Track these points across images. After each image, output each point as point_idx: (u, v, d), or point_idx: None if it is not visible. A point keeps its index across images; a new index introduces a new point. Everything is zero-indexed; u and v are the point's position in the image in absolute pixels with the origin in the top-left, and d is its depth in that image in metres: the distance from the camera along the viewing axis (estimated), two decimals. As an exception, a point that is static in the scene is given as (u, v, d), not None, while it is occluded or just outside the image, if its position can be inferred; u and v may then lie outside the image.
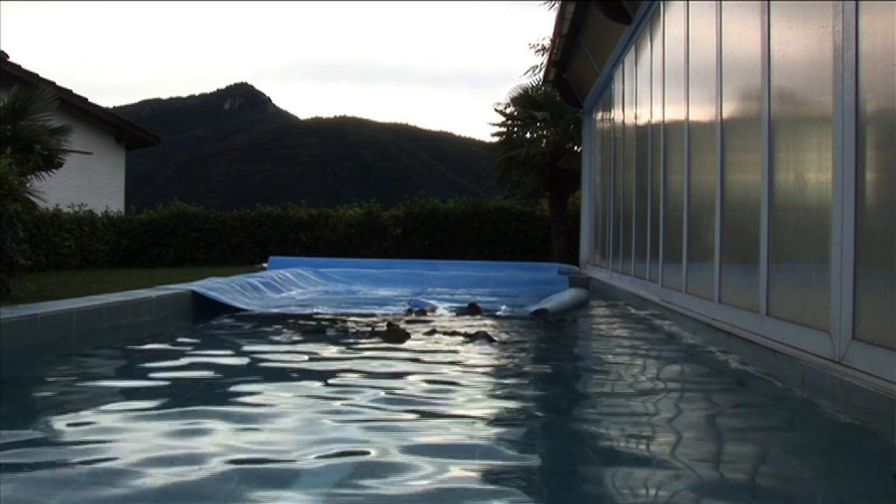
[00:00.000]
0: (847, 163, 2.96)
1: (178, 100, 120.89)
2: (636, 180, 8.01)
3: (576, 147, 15.01)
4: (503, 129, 16.33)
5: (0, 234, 5.99)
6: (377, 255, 14.41)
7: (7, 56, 13.56)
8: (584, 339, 5.77)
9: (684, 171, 5.72)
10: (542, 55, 18.57)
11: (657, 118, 6.97)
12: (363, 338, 4.81)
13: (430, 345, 4.52)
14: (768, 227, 3.85)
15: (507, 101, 16.18)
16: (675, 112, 6.22)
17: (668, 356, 4.50)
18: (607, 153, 10.55)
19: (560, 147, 15.19)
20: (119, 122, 17.47)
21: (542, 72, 14.37)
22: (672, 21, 6.42)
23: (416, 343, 4.57)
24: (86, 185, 15.69)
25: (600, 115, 11.61)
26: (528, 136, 15.87)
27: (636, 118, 8.16)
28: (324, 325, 5.46)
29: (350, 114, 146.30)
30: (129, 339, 4.91)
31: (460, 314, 6.46)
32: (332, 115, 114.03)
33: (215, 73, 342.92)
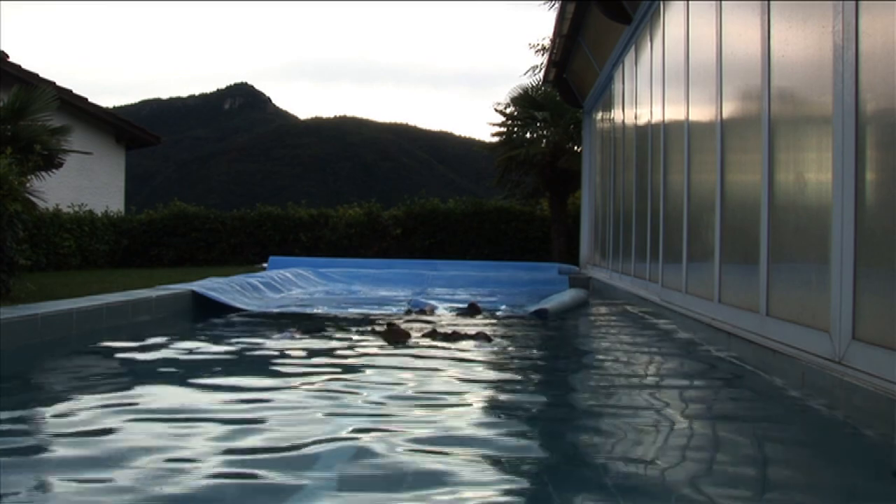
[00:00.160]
0: (847, 163, 2.96)
1: (178, 100, 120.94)
2: (636, 180, 8.01)
3: (576, 147, 15.02)
4: (503, 129, 16.34)
5: (0, 234, 5.99)
6: (377, 255, 14.41)
7: (7, 56, 13.57)
8: (583, 339, 5.77)
9: (684, 171, 5.72)
10: (542, 55, 18.59)
11: (657, 118, 6.97)
12: (363, 338, 4.81)
13: (430, 345, 4.52)
14: (768, 227, 3.85)
15: (507, 101, 16.21)
16: (675, 112, 6.22)
17: (667, 355, 4.50)
18: (607, 153, 10.55)
19: (560, 147, 15.19)
20: (119, 122, 17.48)
21: (542, 72, 14.38)
22: (672, 21, 6.42)
23: (416, 343, 4.57)
24: (86, 185, 15.70)
25: (600, 115, 11.61)
26: (528, 136, 15.87)
27: (636, 118, 8.16)
28: (324, 325, 5.46)
29: (350, 114, 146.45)
30: (128, 340, 4.91)
31: (460, 314, 6.46)
32: (332, 115, 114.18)
33: (215, 73, 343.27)
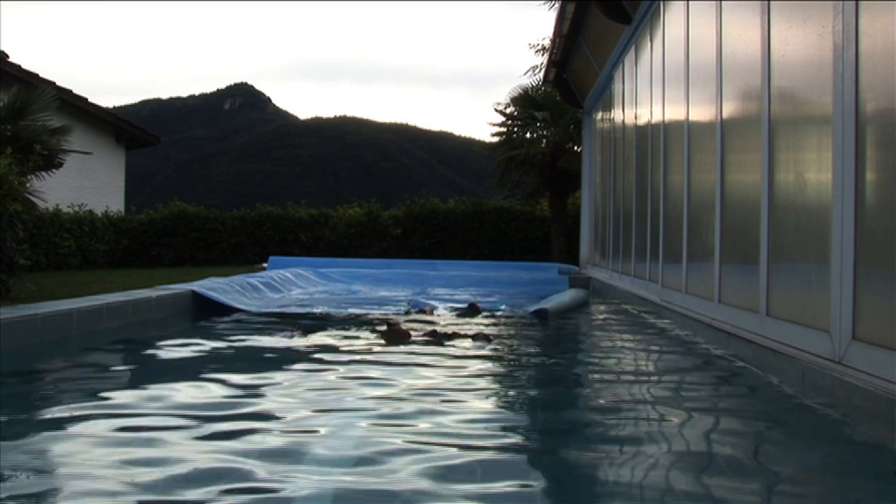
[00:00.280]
0: (847, 163, 2.96)
1: (178, 100, 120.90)
2: (636, 180, 8.01)
3: (576, 147, 15.01)
4: (503, 129, 16.34)
5: (0, 234, 5.99)
6: (377, 255, 14.41)
7: (7, 56, 13.56)
8: (583, 339, 5.77)
9: (684, 171, 5.72)
10: (542, 55, 18.58)
11: (657, 118, 6.97)
12: (363, 338, 4.81)
13: (430, 345, 4.52)
14: (768, 227, 3.85)
15: (507, 101, 16.21)
16: (675, 112, 6.22)
17: (666, 354, 4.50)
18: (607, 153, 10.55)
19: (560, 147, 15.19)
20: (119, 122, 17.48)
21: (542, 72, 14.37)
22: (672, 21, 6.42)
23: (416, 343, 4.57)
24: (86, 185, 15.70)
25: (600, 115, 11.61)
26: (528, 136, 15.87)
27: (636, 118, 8.16)
28: (324, 326, 5.46)
29: (350, 114, 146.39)
30: (128, 339, 4.92)
31: (460, 314, 6.46)
32: (332, 115, 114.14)
33: (215, 73, 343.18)
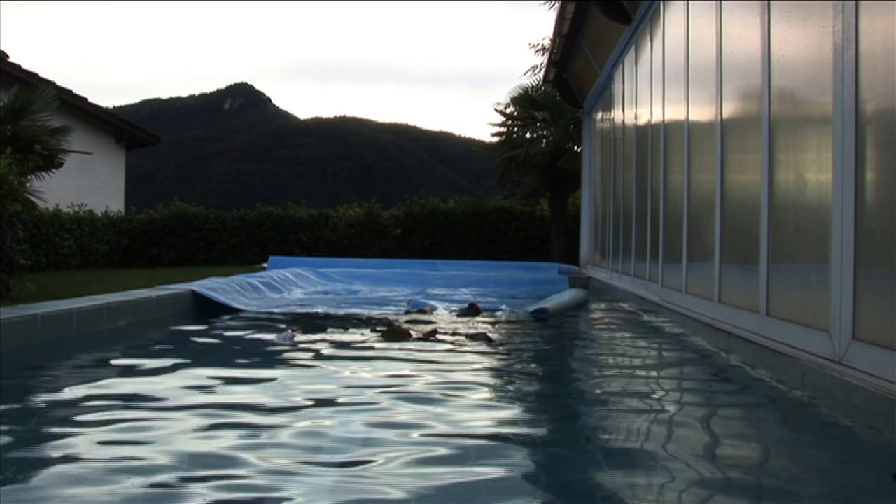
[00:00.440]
0: (847, 163, 2.96)
1: (178, 100, 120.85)
2: (636, 180, 8.01)
3: (576, 147, 15.01)
4: (503, 129, 16.33)
5: (0, 234, 5.99)
6: (377, 255, 14.41)
7: (7, 56, 13.56)
8: (583, 339, 5.76)
9: (684, 171, 5.72)
10: (542, 55, 18.58)
11: (657, 118, 6.97)
12: (363, 338, 4.81)
13: (430, 345, 4.52)
14: (768, 227, 3.85)
15: (507, 101, 16.20)
16: (675, 112, 6.22)
17: (666, 354, 4.50)
18: (607, 153, 10.55)
19: (560, 147, 15.19)
20: (119, 122, 17.48)
21: (542, 72, 14.37)
22: (672, 21, 6.42)
23: (417, 343, 4.57)
24: (86, 185, 15.70)
25: (600, 115, 11.61)
26: (528, 136, 15.87)
27: (636, 118, 8.16)
28: (324, 326, 5.46)
29: (350, 114, 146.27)
30: (128, 340, 4.92)
31: (460, 314, 6.46)
32: (332, 115, 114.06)
33: (215, 73, 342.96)
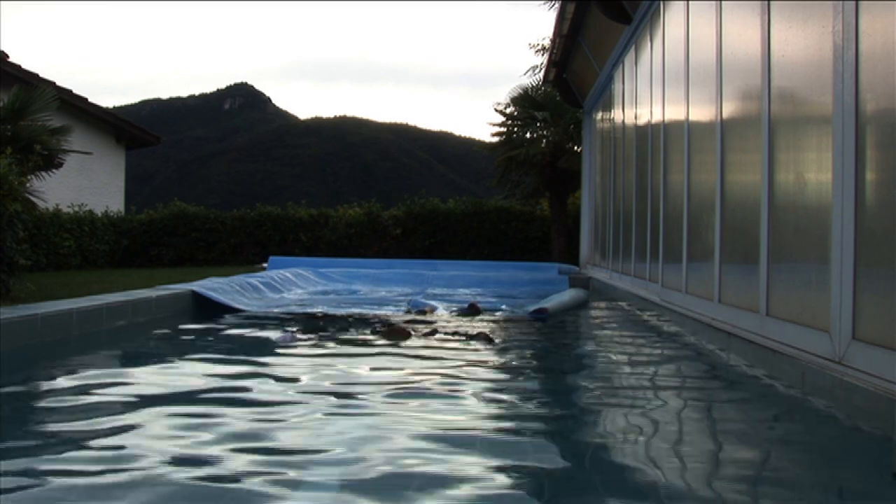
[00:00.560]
0: (847, 163, 2.96)
1: (178, 100, 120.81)
2: (636, 180, 8.00)
3: (576, 147, 15.01)
4: (503, 129, 16.33)
5: (0, 234, 5.99)
6: (377, 255, 14.41)
7: (7, 56, 13.56)
8: (583, 339, 5.77)
9: (684, 171, 5.72)
10: (542, 55, 18.58)
11: (657, 118, 6.97)
12: (364, 338, 4.81)
13: (431, 345, 4.52)
14: (768, 227, 3.85)
15: (507, 101, 16.20)
16: (675, 112, 6.22)
17: (665, 353, 4.50)
18: (607, 153, 10.55)
19: (560, 147, 15.19)
20: (119, 122, 17.48)
21: (542, 72, 14.37)
22: (672, 21, 6.42)
23: (417, 343, 4.57)
24: (86, 185, 15.70)
25: (600, 115, 11.61)
26: (528, 136, 15.87)
27: (636, 118, 8.16)
28: (324, 326, 5.46)
29: (350, 114, 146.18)
30: (128, 340, 4.92)
31: (460, 314, 6.46)
32: (332, 115, 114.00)
33: (215, 73, 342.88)
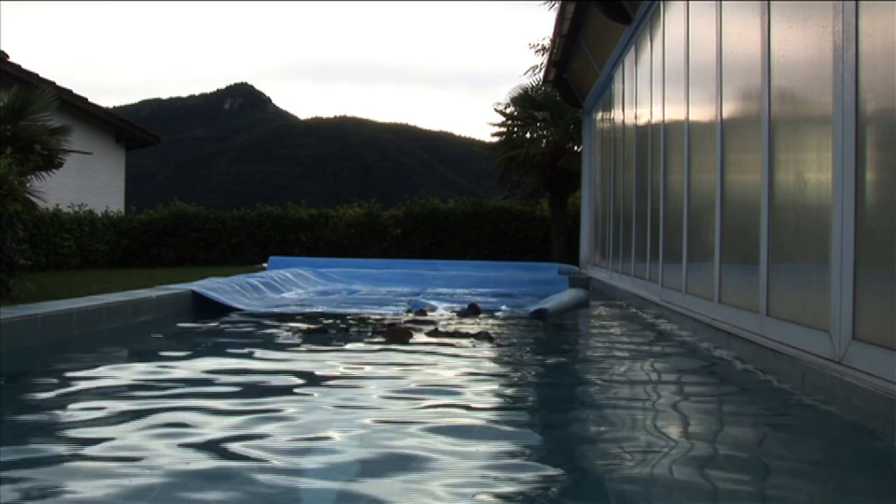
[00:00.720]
0: (847, 163, 2.96)
1: (178, 100, 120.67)
2: (636, 180, 8.01)
3: (576, 147, 15.01)
4: (503, 129, 16.33)
5: (0, 234, 5.99)
6: (377, 255, 14.41)
7: (7, 56, 13.56)
8: (583, 339, 5.77)
9: (684, 171, 5.72)
10: (542, 55, 18.58)
11: (657, 118, 6.97)
12: (364, 338, 4.81)
13: (431, 345, 4.52)
14: (768, 227, 3.85)
15: (507, 101, 16.19)
16: (675, 112, 6.22)
17: (664, 353, 4.50)
18: (607, 153, 10.55)
19: (560, 147, 15.19)
20: (119, 122, 17.47)
21: (542, 72, 14.37)
22: (672, 21, 6.42)
23: (417, 343, 4.57)
24: (86, 185, 15.69)
25: (600, 115, 11.61)
26: (528, 136, 15.86)
27: (636, 118, 8.16)
28: (324, 326, 5.46)
29: (350, 114, 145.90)
30: (128, 340, 4.92)
31: (460, 314, 6.46)
32: (332, 115, 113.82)
33: (215, 73, 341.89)
